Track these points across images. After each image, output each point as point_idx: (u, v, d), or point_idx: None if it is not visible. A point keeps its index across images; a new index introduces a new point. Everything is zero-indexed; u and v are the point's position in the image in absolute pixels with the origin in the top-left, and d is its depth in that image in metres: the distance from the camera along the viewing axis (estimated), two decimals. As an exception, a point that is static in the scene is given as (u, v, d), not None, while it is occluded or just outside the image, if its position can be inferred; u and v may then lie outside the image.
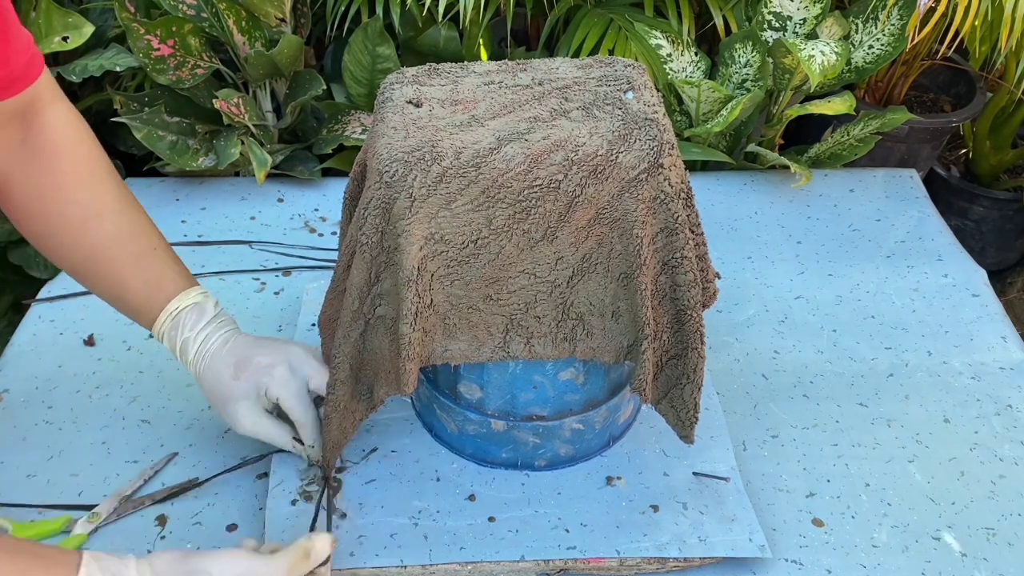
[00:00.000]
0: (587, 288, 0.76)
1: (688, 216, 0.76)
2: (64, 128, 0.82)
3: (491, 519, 0.85)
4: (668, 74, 1.50)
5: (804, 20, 1.50)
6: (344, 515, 0.85)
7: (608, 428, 0.91)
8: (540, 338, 0.78)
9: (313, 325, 1.05)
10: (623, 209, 0.72)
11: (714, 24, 1.58)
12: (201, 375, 0.84)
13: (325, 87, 1.41)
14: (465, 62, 0.83)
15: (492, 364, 0.81)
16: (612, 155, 0.70)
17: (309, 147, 1.45)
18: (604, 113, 0.74)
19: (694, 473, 0.90)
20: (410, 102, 0.76)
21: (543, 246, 0.73)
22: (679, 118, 1.51)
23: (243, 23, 1.38)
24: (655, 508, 0.86)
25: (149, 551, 0.82)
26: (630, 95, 0.76)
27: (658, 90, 0.86)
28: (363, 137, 1.41)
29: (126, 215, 0.84)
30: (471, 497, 0.87)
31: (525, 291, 0.76)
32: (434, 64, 0.82)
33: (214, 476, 0.90)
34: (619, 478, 0.90)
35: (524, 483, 0.89)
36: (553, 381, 0.83)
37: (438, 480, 0.89)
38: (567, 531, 0.84)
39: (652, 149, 0.71)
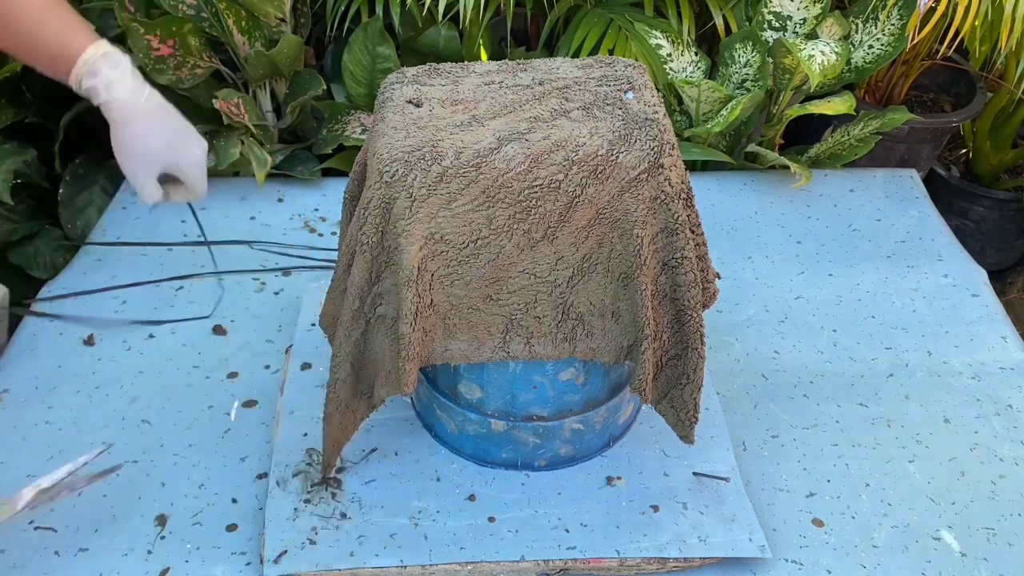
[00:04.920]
0: (587, 288, 0.76)
1: (688, 216, 0.76)
2: None
3: (491, 519, 0.85)
4: (668, 74, 1.50)
5: (804, 20, 1.50)
6: (344, 515, 0.85)
7: (608, 428, 0.91)
8: (540, 338, 0.78)
9: (313, 325, 1.05)
10: (623, 209, 0.72)
11: (714, 24, 1.58)
12: (152, 111, 0.83)
13: (325, 87, 1.41)
14: (465, 62, 0.83)
15: (492, 364, 0.81)
16: (612, 155, 0.70)
17: (309, 147, 1.45)
18: (604, 113, 0.74)
19: (694, 473, 0.90)
20: (410, 102, 0.76)
21: (543, 246, 0.73)
22: (679, 118, 1.51)
23: (243, 23, 1.38)
24: (655, 508, 0.86)
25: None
26: (630, 95, 0.76)
27: (658, 90, 0.86)
28: (363, 137, 1.41)
29: None
30: (471, 497, 0.87)
31: (525, 291, 0.76)
32: (434, 64, 0.82)
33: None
34: (619, 478, 0.89)
35: (524, 483, 0.89)
36: (553, 381, 0.83)
37: (438, 480, 0.89)
38: (567, 531, 0.84)
39: (652, 149, 0.71)
